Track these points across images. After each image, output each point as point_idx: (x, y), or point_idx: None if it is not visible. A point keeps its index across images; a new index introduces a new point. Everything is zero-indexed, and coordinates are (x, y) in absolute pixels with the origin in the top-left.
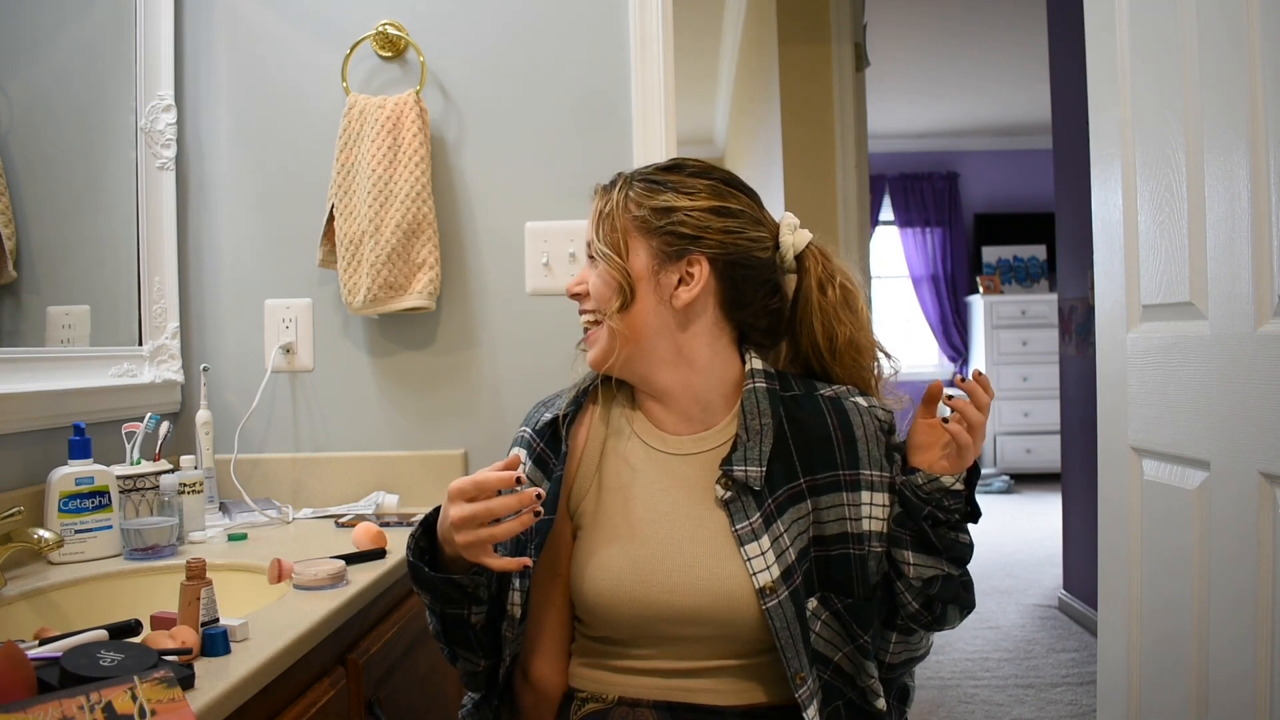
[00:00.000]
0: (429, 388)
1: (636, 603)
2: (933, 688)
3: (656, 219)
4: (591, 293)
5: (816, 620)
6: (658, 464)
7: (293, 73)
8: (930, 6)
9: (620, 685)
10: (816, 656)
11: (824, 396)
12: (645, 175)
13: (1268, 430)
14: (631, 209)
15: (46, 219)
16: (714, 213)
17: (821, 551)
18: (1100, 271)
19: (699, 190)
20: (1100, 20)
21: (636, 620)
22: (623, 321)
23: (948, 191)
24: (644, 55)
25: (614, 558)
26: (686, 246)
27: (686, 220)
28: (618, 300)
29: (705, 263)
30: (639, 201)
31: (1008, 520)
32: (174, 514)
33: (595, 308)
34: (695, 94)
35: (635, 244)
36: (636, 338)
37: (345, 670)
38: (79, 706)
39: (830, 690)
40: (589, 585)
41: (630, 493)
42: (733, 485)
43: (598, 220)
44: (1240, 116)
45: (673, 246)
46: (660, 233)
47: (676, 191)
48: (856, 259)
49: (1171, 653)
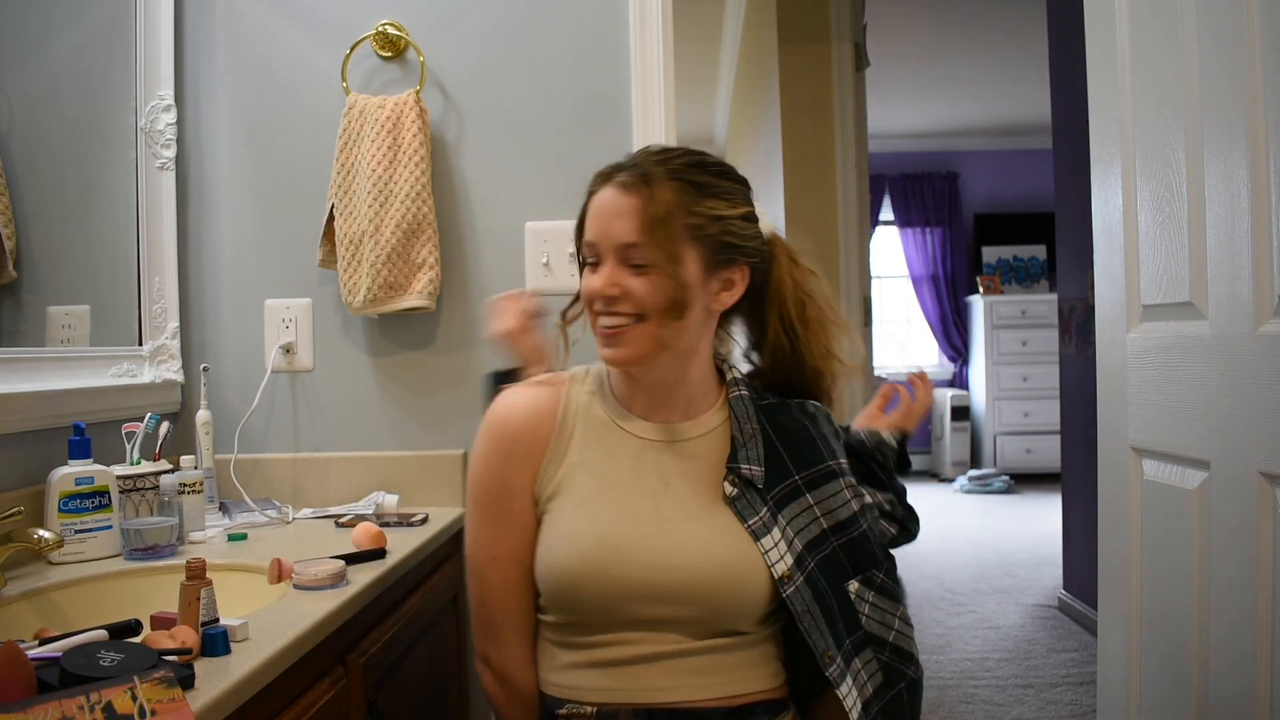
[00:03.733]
0: (429, 388)
1: (604, 578)
2: (933, 688)
3: (708, 228)
4: (641, 299)
5: (864, 602)
6: (633, 449)
7: (293, 73)
8: (930, 7)
9: (594, 689)
10: (870, 640)
11: (794, 403)
12: (680, 174)
13: (1268, 430)
14: (681, 215)
15: (46, 219)
16: (748, 219)
17: (844, 536)
18: (1100, 271)
19: (737, 195)
20: (1100, 20)
21: (603, 598)
22: (672, 330)
23: (948, 191)
24: (644, 55)
25: (583, 534)
26: (734, 256)
27: (734, 230)
28: (674, 312)
29: (747, 271)
30: (687, 208)
31: (1008, 520)
32: (174, 514)
33: (639, 312)
34: (695, 94)
35: (686, 251)
36: (677, 344)
37: (345, 670)
38: (79, 706)
39: (892, 673)
40: (555, 560)
41: (602, 475)
42: (739, 483)
43: (648, 224)
44: (1240, 116)
45: (720, 255)
46: (710, 241)
47: (719, 198)
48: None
49: (1172, 653)
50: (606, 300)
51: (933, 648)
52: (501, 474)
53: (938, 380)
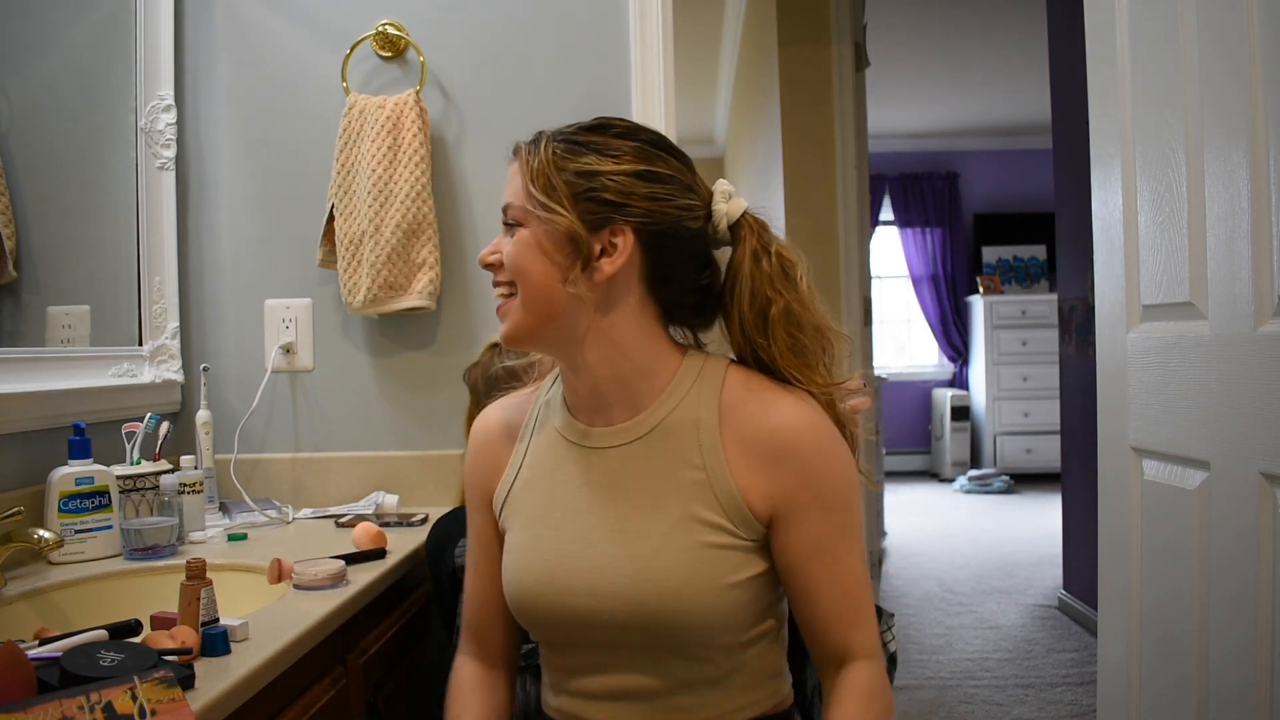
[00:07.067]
0: (429, 388)
1: (552, 608)
2: (933, 688)
3: (580, 184)
4: (507, 262)
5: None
6: (575, 458)
7: (293, 73)
8: (930, 6)
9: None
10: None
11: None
12: (566, 135)
13: (1268, 430)
14: (552, 173)
15: (46, 219)
16: (640, 177)
17: None
18: (1100, 271)
19: (624, 153)
20: (1100, 20)
21: (555, 626)
22: (540, 297)
23: (948, 191)
24: (644, 55)
25: (527, 559)
26: (610, 215)
27: (610, 185)
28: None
29: (630, 233)
30: (559, 164)
31: (1008, 520)
32: (174, 514)
33: (509, 278)
34: (695, 94)
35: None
36: (562, 317)
37: (345, 670)
38: (79, 706)
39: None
40: (509, 588)
41: (547, 491)
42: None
43: (521, 184)
44: (1240, 116)
45: (595, 215)
46: (584, 200)
47: (600, 154)
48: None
49: (1172, 652)
50: (491, 270)
51: (933, 648)
52: (468, 484)
53: (938, 380)
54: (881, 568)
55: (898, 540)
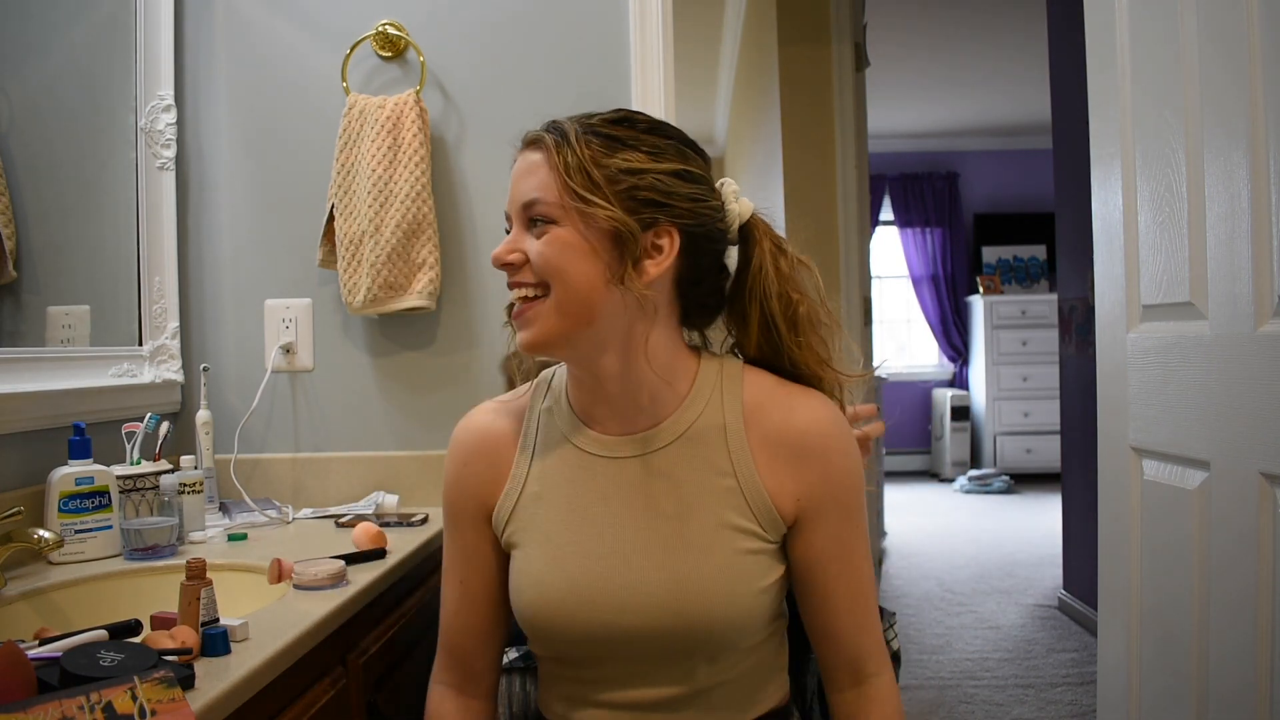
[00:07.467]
0: (429, 388)
1: (580, 625)
2: (933, 688)
3: (622, 181)
4: (539, 264)
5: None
6: (595, 470)
7: (293, 73)
8: (930, 6)
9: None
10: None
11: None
12: (593, 127)
13: (1268, 430)
14: (590, 167)
15: (46, 219)
16: (679, 177)
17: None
18: (1100, 271)
19: (663, 150)
20: (1100, 20)
21: (582, 643)
22: (580, 302)
23: (948, 191)
24: (644, 55)
25: (549, 580)
26: (655, 215)
27: (657, 185)
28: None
29: (676, 234)
30: (596, 160)
31: (1008, 520)
32: (174, 514)
33: (541, 279)
34: (695, 94)
35: (595, 207)
36: (598, 323)
37: (345, 670)
38: (79, 706)
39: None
40: (527, 609)
41: (564, 505)
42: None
43: (549, 177)
44: (1240, 116)
45: (640, 214)
46: (625, 197)
47: (638, 150)
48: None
49: (1171, 652)
50: (509, 270)
51: (933, 648)
52: (451, 498)
53: (938, 380)
54: (882, 568)
55: (898, 540)
